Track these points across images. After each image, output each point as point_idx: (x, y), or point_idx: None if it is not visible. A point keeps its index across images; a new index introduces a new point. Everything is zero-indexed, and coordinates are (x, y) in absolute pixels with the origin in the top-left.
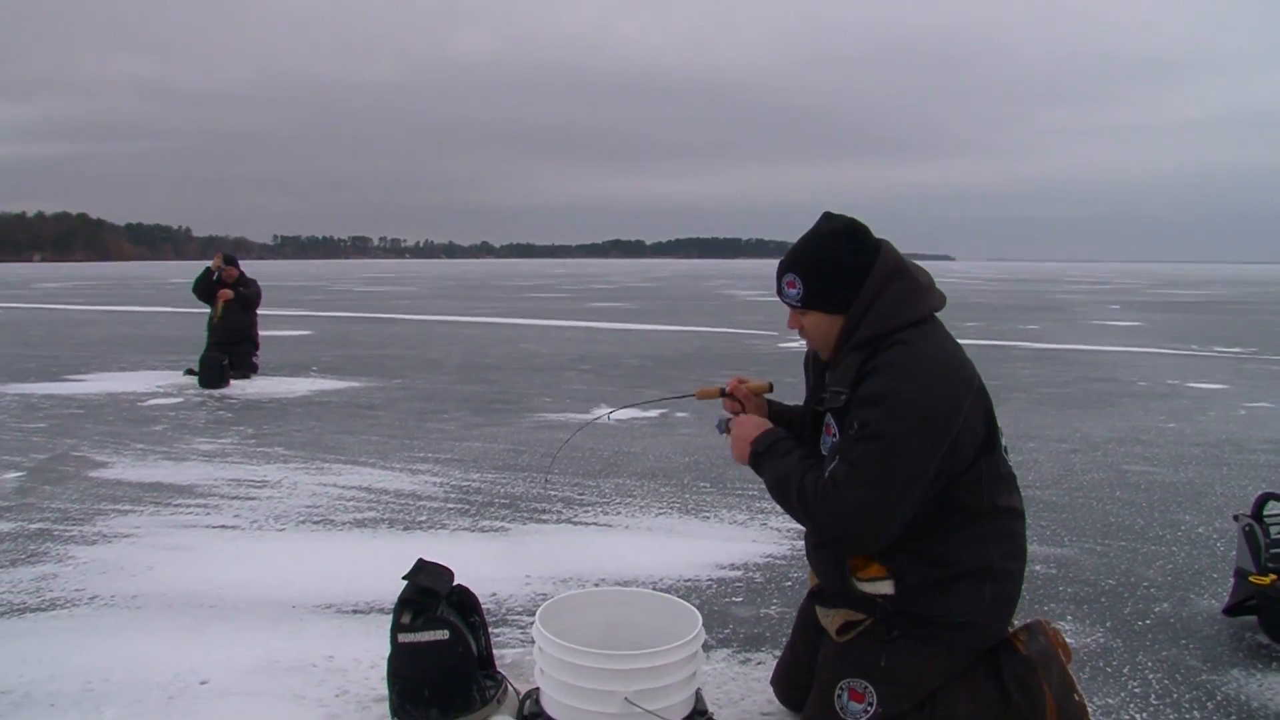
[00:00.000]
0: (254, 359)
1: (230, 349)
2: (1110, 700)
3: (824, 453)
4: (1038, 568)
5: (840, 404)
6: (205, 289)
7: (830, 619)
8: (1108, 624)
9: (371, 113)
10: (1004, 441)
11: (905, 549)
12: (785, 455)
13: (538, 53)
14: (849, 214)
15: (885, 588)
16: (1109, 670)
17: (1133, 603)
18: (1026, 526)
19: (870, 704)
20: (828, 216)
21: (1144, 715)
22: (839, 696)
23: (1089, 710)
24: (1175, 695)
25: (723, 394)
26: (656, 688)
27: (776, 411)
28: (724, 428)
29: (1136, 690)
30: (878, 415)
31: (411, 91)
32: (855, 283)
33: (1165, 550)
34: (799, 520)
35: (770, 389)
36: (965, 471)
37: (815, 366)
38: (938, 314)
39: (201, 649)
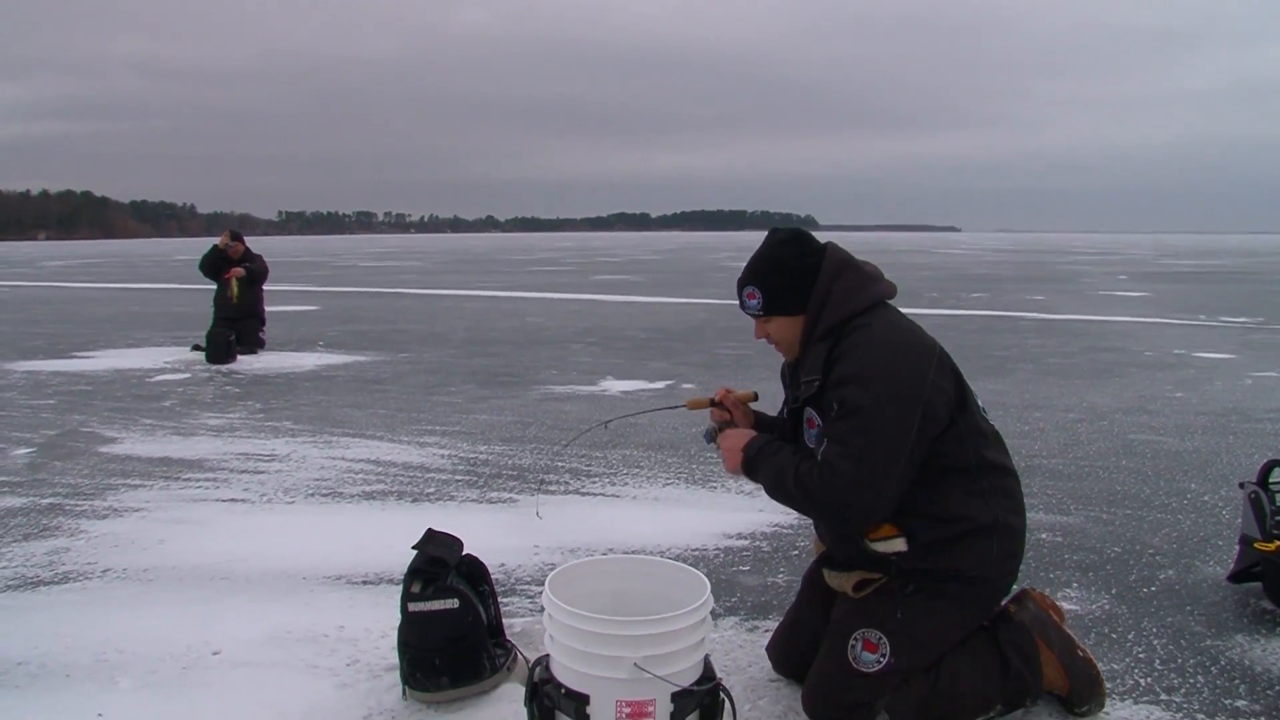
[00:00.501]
0: (260, 334)
1: (237, 324)
2: (1115, 665)
3: (810, 445)
4: (1043, 535)
5: (814, 391)
6: (212, 266)
7: (843, 580)
8: (1113, 591)
9: (372, 89)
10: (980, 402)
11: (912, 511)
12: (776, 454)
13: (537, 26)
14: (853, 187)
15: (899, 545)
16: (1114, 636)
17: (1138, 570)
18: (1021, 485)
19: (884, 654)
20: (773, 231)
21: (1148, 680)
22: (852, 647)
23: (1093, 657)
24: (1179, 660)
25: (712, 404)
26: (665, 653)
27: (762, 422)
28: (711, 437)
29: (1141, 655)
30: (852, 392)
31: (411, 67)
32: (808, 283)
33: (1170, 518)
34: (802, 509)
35: (755, 398)
36: (945, 431)
37: (790, 374)
38: (891, 301)
39: (213, 621)
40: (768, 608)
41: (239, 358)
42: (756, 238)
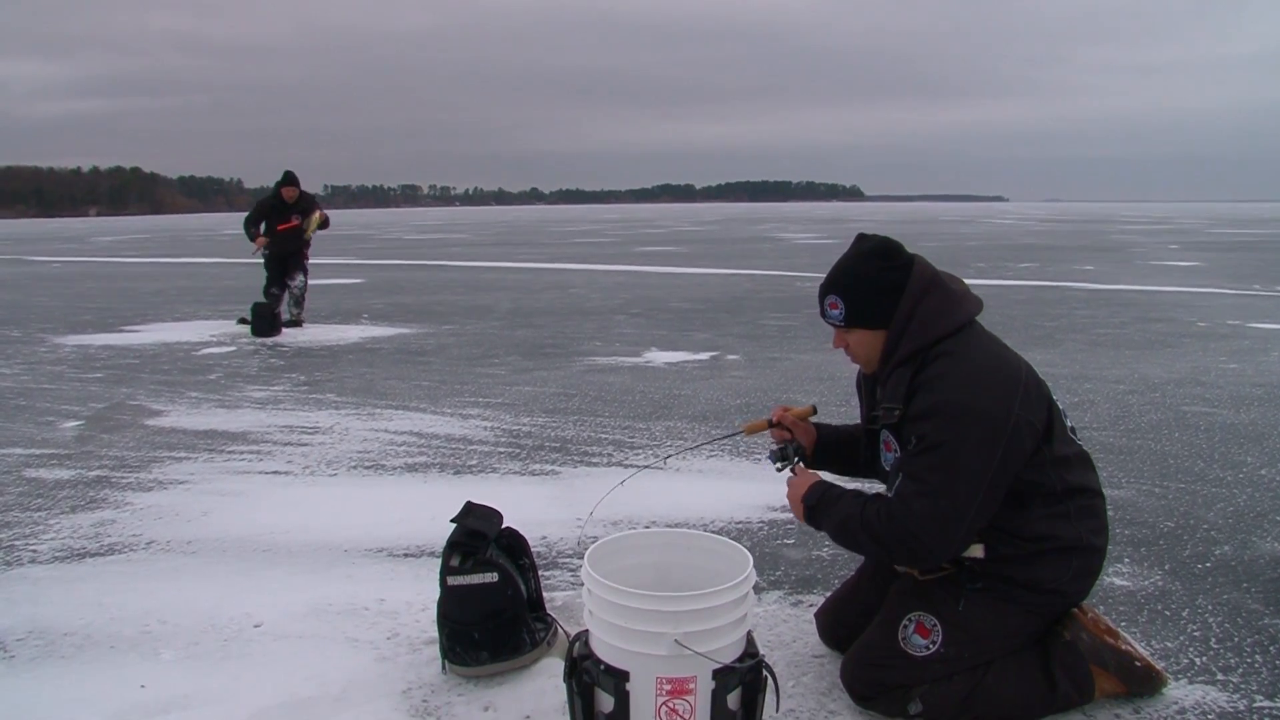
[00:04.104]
0: (297, 278)
1: (286, 261)
2: (1169, 644)
3: (885, 468)
4: None
5: (894, 419)
6: (261, 213)
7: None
8: (1166, 566)
9: (410, 62)
10: (1069, 423)
11: (995, 527)
12: (838, 500)
13: None
14: (898, 156)
15: (976, 551)
16: (1167, 614)
17: (1192, 545)
18: (1107, 505)
19: (935, 641)
20: (861, 238)
21: (1204, 659)
22: (905, 627)
23: (1153, 663)
24: (1236, 639)
25: (770, 425)
26: (707, 629)
27: (826, 433)
28: (777, 459)
29: (1196, 634)
30: (932, 427)
31: (448, 40)
32: (893, 298)
33: (1226, 492)
34: (871, 554)
35: (814, 412)
36: (1030, 461)
37: (866, 384)
38: (978, 318)
39: (255, 593)
40: (812, 582)
41: (284, 330)
42: (802, 209)
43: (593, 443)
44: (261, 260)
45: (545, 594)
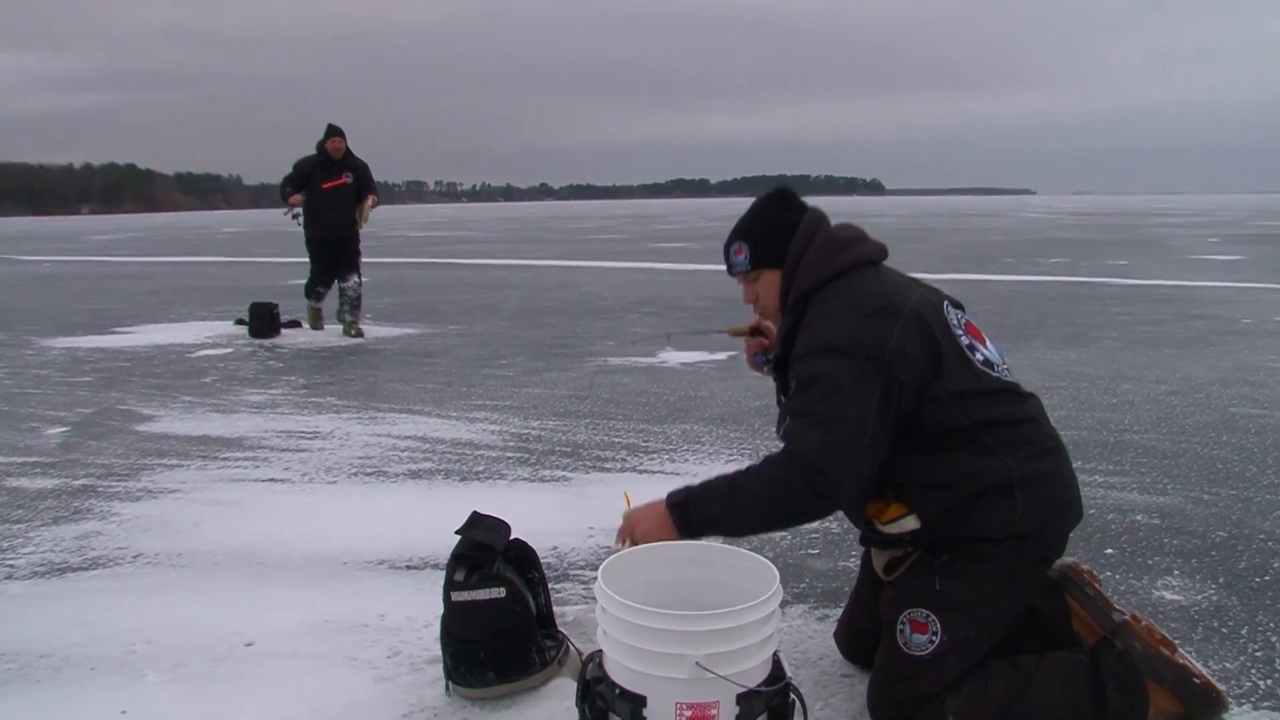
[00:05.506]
0: (344, 282)
1: (337, 249)
2: (1229, 665)
3: None
4: (1139, 517)
5: (772, 358)
6: (302, 176)
7: (879, 559)
8: (1220, 580)
9: (414, 55)
10: (983, 354)
11: (912, 481)
12: (707, 486)
13: None
14: (920, 150)
15: (910, 523)
16: (1224, 631)
17: (1248, 557)
18: (1048, 424)
19: (934, 633)
20: (761, 193)
21: (1269, 682)
22: (901, 631)
23: (1213, 681)
24: None
25: (753, 333)
26: (731, 651)
27: None
28: (764, 360)
29: (1258, 654)
30: (809, 365)
31: (453, 32)
32: (787, 238)
33: None
34: (777, 516)
35: None
36: (921, 398)
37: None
38: (880, 263)
39: (248, 609)
40: (839, 594)
41: (283, 331)
42: (823, 202)
43: (605, 447)
44: (302, 238)
45: (556, 609)
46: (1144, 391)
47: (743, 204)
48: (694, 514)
